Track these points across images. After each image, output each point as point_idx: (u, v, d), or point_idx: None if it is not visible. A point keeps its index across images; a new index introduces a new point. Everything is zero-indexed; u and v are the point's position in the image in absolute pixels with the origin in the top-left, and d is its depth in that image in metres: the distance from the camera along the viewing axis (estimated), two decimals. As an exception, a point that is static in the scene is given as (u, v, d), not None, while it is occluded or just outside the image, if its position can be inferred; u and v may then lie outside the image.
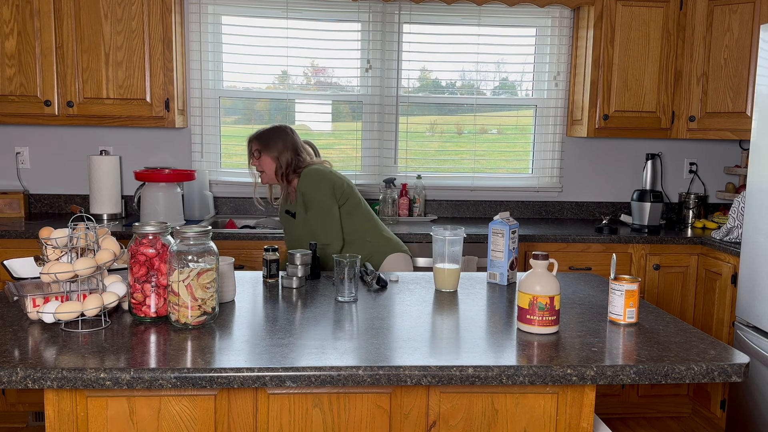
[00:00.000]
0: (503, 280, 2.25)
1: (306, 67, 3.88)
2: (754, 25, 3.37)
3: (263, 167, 2.77)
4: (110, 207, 3.54)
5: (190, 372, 1.41)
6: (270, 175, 2.78)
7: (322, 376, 1.43)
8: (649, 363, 1.51)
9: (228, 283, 1.95)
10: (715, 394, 3.28)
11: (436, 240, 2.16)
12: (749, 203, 2.95)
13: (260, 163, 2.77)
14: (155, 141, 3.78)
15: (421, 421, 1.57)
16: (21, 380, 1.38)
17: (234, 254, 3.17)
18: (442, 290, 2.16)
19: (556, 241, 3.34)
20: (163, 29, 3.36)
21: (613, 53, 3.58)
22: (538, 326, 1.69)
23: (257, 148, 2.76)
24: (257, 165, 2.79)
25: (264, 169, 2.77)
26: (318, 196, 2.66)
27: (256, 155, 2.77)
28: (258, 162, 2.77)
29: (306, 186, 2.68)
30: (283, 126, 2.81)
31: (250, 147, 2.79)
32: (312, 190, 2.66)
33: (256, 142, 2.77)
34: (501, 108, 4.04)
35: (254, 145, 2.77)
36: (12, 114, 3.34)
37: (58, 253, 1.76)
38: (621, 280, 1.80)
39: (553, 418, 1.59)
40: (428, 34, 3.85)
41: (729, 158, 4.08)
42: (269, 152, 2.74)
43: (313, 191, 2.66)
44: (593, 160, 4.03)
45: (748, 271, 2.92)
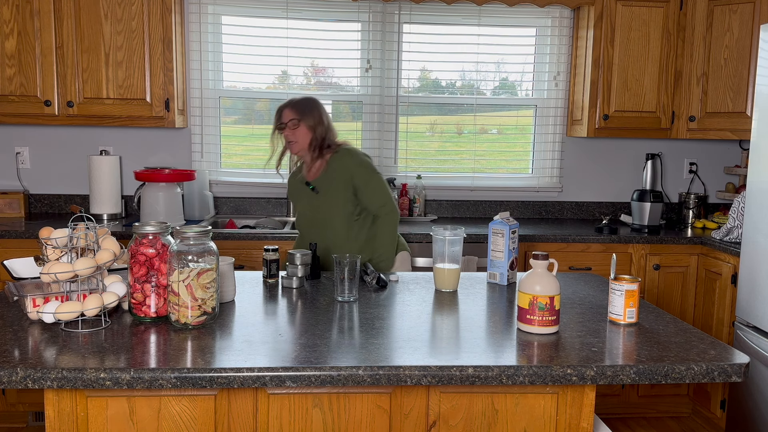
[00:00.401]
0: (503, 280, 2.25)
1: (306, 67, 3.88)
2: (754, 25, 3.37)
3: (297, 137, 2.67)
4: (110, 207, 3.54)
5: (190, 372, 1.41)
6: (302, 146, 2.70)
7: (322, 376, 1.43)
8: (649, 363, 1.51)
9: (228, 283, 1.95)
10: (715, 394, 3.28)
11: (436, 240, 2.16)
12: (749, 203, 2.95)
13: (294, 133, 2.67)
14: (155, 141, 3.78)
15: (421, 421, 1.57)
16: (21, 380, 1.38)
17: (234, 254, 3.17)
18: (442, 290, 2.16)
19: (556, 241, 3.34)
20: (163, 29, 3.36)
21: (613, 53, 3.58)
22: (538, 326, 1.69)
23: (294, 118, 2.67)
24: (290, 135, 2.68)
25: (297, 139, 2.68)
26: (374, 167, 2.70)
27: (291, 125, 2.67)
28: (292, 132, 2.67)
29: (358, 162, 2.67)
30: (316, 98, 2.75)
31: (281, 115, 2.68)
32: (367, 164, 2.69)
33: (292, 110, 2.68)
34: (501, 108, 4.04)
35: (290, 114, 2.67)
36: (12, 114, 3.34)
37: (58, 253, 1.76)
38: (621, 280, 1.80)
39: (553, 418, 1.59)
40: (428, 34, 3.85)
41: (729, 158, 4.08)
42: (306, 122, 2.66)
43: (368, 165, 2.69)
44: (593, 160, 4.03)
45: (748, 271, 2.92)
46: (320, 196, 2.68)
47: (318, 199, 2.70)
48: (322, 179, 2.69)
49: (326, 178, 2.68)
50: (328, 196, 2.67)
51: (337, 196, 2.67)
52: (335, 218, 2.68)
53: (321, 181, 2.69)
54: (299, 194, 2.77)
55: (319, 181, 2.70)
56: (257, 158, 3.92)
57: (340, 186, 2.66)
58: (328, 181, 2.68)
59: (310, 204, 2.72)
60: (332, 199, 2.67)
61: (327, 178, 2.68)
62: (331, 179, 2.67)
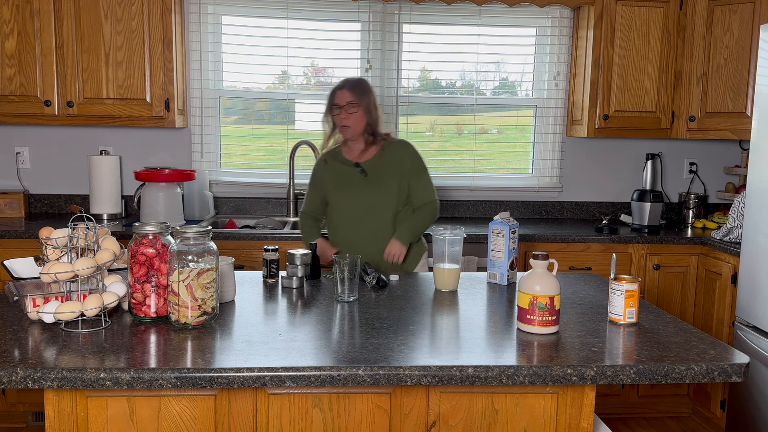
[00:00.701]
0: (503, 280, 2.25)
1: (306, 67, 3.88)
2: (754, 25, 3.37)
3: (352, 121, 2.58)
4: (110, 207, 3.54)
5: (190, 372, 1.41)
6: (357, 131, 2.61)
7: (322, 376, 1.43)
8: (649, 363, 1.51)
9: (228, 283, 1.95)
10: (715, 394, 3.28)
11: (437, 240, 2.16)
12: (749, 203, 2.95)
13: (350, 117, 2.58)
14: (155, 141, 3.78)
15: (421, 421, 1.57)
16: (21, 380, 1.38)
17: (234, 254, 3.17)
18: (442, 290, 2.16)
19: (556, 241, 3.34)
20: (163, 29, 3.36)
21: (613, 53, 3.58)
22: (538, 326, 1.69)
23: (352, 101, 2.58)
24: (346, 119, 2.58)
25: (352, 123, 2.59)
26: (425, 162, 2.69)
27: (350, 109, 2.57)
28: (348, 116, 2.58)
29: (414, 153, 2.68)
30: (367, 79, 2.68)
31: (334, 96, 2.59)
32: (421, 157, 2.69)
33: (350, 93, 2.58)
34: (501, 108, 4.04)
35: (347, 96, 2.58)
36: (12, 114, 3.34)
37: (58, 253, 1.76)
38: (621, 280, 1.80)
39: (553, 418, 1.59)
40: (428, 34, 3.85)
41: (729, 158, 4.08)
42: (364, 105, 2.58)
43: (422, 158, 2.69)
44: (593, 160, 4.03)
45: (748, 271, 2.92)
46: (370, 181, 2.59)
47: (368, 185, 2.60)
48: (373, 164, 2.61)
49: (379, 165, 2.60)
50: (381, 182, 2.60)
51: (391, 183, 2.61)
52: (384, 206, 2.61)
53: (372, 166, 2.61)
54: (341, 180, 2.64)
55: (369, 165, 2.61)
56: (257, 158, 3.92)
57: (394, 174, 2.60)
58: (382, 168, 2.60)
59: (359, 191, 2.61)
60: (385, 186, 2.60)
61: (380, 164, 2.61)
62: (385, 166, 2.60)
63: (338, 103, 2.60)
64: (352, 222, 2.64)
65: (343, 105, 2.59)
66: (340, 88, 2.62)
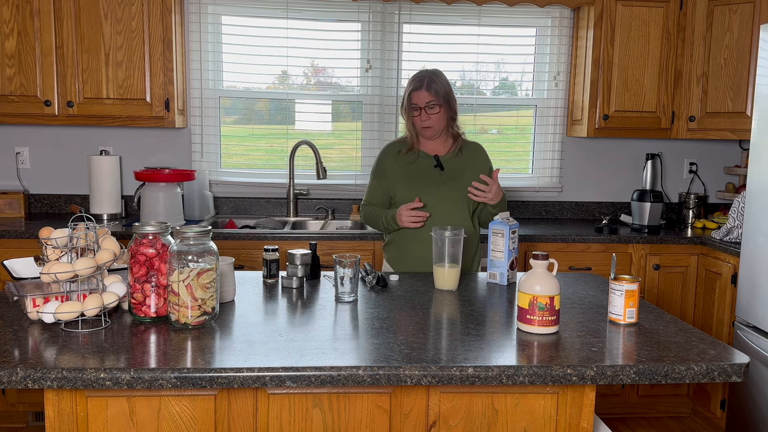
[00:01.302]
0: (503, 280, 2.25)
1: (306, 67, 3.88)
2: (754, 25, 3.37)
3: (434, 122, 2.48)
4: (110, 207, 3.54)
5: (190, 372, 1.41)
6: (438, 130, 2.52)
7: (322, 376, 1.43)
8: (649, 363, 1.51)
9: (228, 283, 1.95)
10: (715, 394, 3.28)
11: (436, 240, 2.16)
12: (749, 203, 2.95)
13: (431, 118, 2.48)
14: (155, 141, 3.78)
15: (421, 421, 1.57)
16: (21, 380, 1.38)
17: (234, 254, 3.17)
18: (442, 290, 2.16)
19: (556, 241, 3.34)
20: (163, 29, 3.36)
21: (613, 53, 3.58)
22: (538, 326, 1.69)
23: (433, 100, 2.46)
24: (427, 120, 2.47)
25: (434, 124, 2.49)
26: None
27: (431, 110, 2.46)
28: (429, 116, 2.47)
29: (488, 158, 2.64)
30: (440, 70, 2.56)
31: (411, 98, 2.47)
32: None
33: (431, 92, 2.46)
34: (501, 108, 4.04)
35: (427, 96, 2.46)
36: (12, 114, 3.34)
37: (58, 253, 1.76)
38: (621, 280, 1.80)
39: (553, 418, 1.59)
40: (428, 34, 3.85)
41: (729, 158, 4.08)
42: (444, 101, 2.48)
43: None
44: (593, 160, 4.03)
45: (748, 271, 2.92)
46: (447, 176, 2.50)
47: (444, 180, 2.50)
48: (450, 160, 2.52)
49: (456, 161, 2.51)
50: (459, 179, 2.49)
51: (466, 184, 2.48)
52: (459, 204, 2.50)
53: (449, 161, 2.52)
54: (414, 172, 2.51)
55: (446, 160, 2.52)
56: (257, 158, 3.92)
57: (470, 174, 2.51)
58: (460, 165, 2.51)
59: (434, 185, 2.48)
60: (463, 184, 2.49)
61: (458, 161, 2.51)
62: (464, 164, 2.52)
63: (417, 104, 2.48)
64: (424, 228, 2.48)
65: (423, 106, 2.47)
66: (417, 88, 2.47)
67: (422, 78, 2.50)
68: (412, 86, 2.51)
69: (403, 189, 2.54)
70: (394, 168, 2.58)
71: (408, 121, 2.55)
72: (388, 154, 2.62)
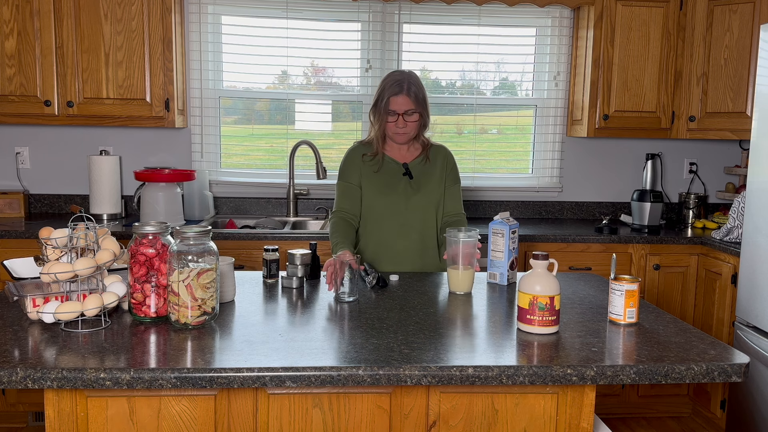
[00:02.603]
0: (503, 280, 2.25)
1: (306, 67, 3.88)
2: (754, 25, 3.37)
3: (409, 129, 2.42)
4: (110, 207, 3.54)
5: (190, 372, 1.41)
6: (410, 136, 2.46)
7: (322, 376, 1.43)
8: (649, 363, 1.51)
9: (228, 283, 1.95)
10: (715, 394, 3.28)
11: (450, 242, 2.14)
12: (749, 203, 2.95)
13: (408, 125, 2.41)
14: (155, 141, 3.78)
15: (421, 421, 1.57)
16: (21, 380, 1.38)
17: (234, 254, 3.17)
18: (456, 293, 2.12)
19: (556, 241, 3.34)
20: (163, 29, 3.36)
21: (613, 53, 3.58)
22: (538, 326, 1.69)
23: (411, 109, 2.40)
24: (403, 126, 2.41)
25: (408, 130, 2.43)
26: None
27: (408, 117, 2.40)
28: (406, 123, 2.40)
29: (454, 161, 2.57)
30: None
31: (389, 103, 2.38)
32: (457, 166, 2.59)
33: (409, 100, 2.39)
34: (501, 108, 4.04)
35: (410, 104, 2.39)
36: (12, 114, 3.34)
37: (58, 253, 1.76)
38: (621, 280, 1.80)
39: (553, 418, 1.59)
40: (428, 34, 3.85)
41: (729, 158, 4.08)
42: (421, 109, 2.42)
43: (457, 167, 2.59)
44: (593, 160, 4.03)
45: (748, 271, 2.92)
46: (417, 186, 2.47)
47: (413, 188, 2.46)
48: (417, 167, 2.49)
49: (424, 168, 2.49)
50: (426, 187, 2.48)
51: (436, 189, 2.49)
52: (429, 212, 2.47)
53: (416, 168, 2.49)
54: (382, 179, 2.47)
55: (413, 167, 2.49)
56: (257, 158, 3.92)
57: (439, 179, 2.50)
58: (427, 172, 2.49)
59: (404, 193, 2.45)
60: (431, 191, 2.48)
61: (425, 168, 2.49)
62: (431, 171, 2.49)
63: (395, 110, 2.40)
64: (394, 226, 2.47)
65: (401, 113, 2.40)
66: (397, 93, 2.39)
67: (401, 82, 2.41)
68: (391, 90, 2.40)
69: (374, 198, 2.48)
70: (362, 173, 2.50)
71: (380, 124, 2.45)
72: (354, 158, 2.53)
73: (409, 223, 2.47)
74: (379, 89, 2.47)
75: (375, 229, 2.50)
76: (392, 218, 2.47)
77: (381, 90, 2.45)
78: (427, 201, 2.49)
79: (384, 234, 2.49)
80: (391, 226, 2.48)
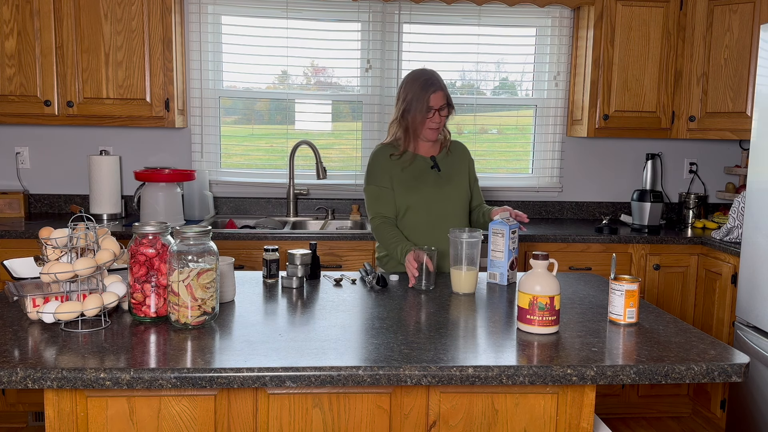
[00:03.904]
0: (503, 280, 2.25)
1: (306, 67, 3.88)
2: (754, 25, 3.37)
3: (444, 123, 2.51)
4: (110, 207, 3.54)
5: (190, 372, 1.41)
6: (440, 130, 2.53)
7: (322, 376, 1.43)
8: (649, 363, 1.50)
9: (228, 283, 1.95)
10: (715, 394, 3.28)
11: (453, 242, 2.14)
12: (749, 203, 2.95)
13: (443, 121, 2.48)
14: (155, 141, 3.78)
15: (421, 421, 1.57)
16: (21, 380, 1.38)
17: (234, 254, 3.17)
18: (459, 293, 2.12)
19: (556, 241, 3.34)
20: (163, 29, 3.36)
21: (613, 53, 3.58)
22: (538, 326, 1.69)
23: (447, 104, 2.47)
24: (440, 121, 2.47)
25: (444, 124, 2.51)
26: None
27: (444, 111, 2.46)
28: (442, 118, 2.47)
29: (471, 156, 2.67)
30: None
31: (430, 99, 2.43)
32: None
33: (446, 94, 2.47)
34: (501, 108, 4.04)
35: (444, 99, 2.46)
36: (12, 114, 3.34)
37: (58, 253, 1.76)
38: (621, 280, 1.80)
39: (553, 418, 1.59)
40: (428, 34, 3.85)
41: (729, 158, 4.08)
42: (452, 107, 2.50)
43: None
44: (593, 160, 4.03)
45: (748, 271, 2.92)
46: (446, 178, 2.52)
47: (442, 180, 2.51)
48: (442, 160, 2.55)
49: (448, 161, 2.55)
50: (454, 178, 2.54)
51: (462, 180, 2.57)
52: (460, 203, 2.53)
53: (443, 162, 2.55)
54: (414, 175, 2.49)
55: (440, 160, 2.54)
56: (257, 158, 3.92)
57: (464, 173, 2.59)
58: (452, 164, 2.55)
59: (435, 186, 2.49)
60: (459, 183, 2.55)
61: (449, 160, 2.55)
62: (454, 163, 2.56)
63: (433, 106, 2.44)
64: (429, 218, 2.48)
65: (438, 108, 2.45)
66: (437, 90, 2.45)
67: (434, 80, 2.47)
68: (431, 88, 2.44)
69: (407, 195, 2.49)
70: (392, 174, 2.51)
71: (419, 123, 2.47)
72: (381, 160, 2.53)
73: (443, 213, 2.51)
74: (409, 91, 2.48)
75: (410, 223, 2.52)
76: (426, 211, 2.50)
77: (415, 91, 2.47)
78: (458, 191, 2.56)
79: (419, 227, 2.50)
80: (426, 219, 2.50)
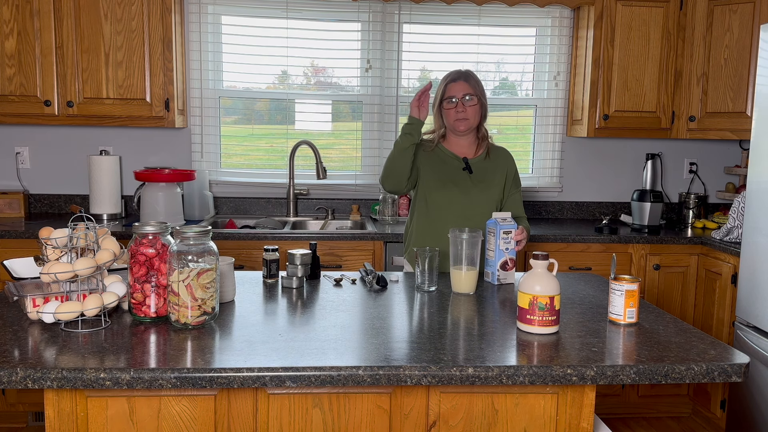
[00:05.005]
0: (494, 280, 2.25)
1: (306, 67, 3.88)
2: (754, 25, 3.37)
3: (470, 114, 2.43)
4: (110, 207, 3.54)
5: (190, 372, 1.41)
6: (472, 124, 2.45)
7: (322, 376, 1.43)
8: (649, 363, 1.50)
9: (228, 283, 1.95)
10: (715, 394, 3.28)
11: (454, 242, 2.14)
12: (749, 203, 2.95)
13: (468, 110, 2.42)
14: (155, 141, 3.78)
15: (421, 421, 1.57)
16: (21, 380, 1.38)
17: (234, 254, 3.17)
18: (459, 293, 2.12)
19: (556, 241, 3.34)
20: (163, 29, 3.36)
21: (613, 53, 3.58)
22: (538, 326, 1.69)
23: (470, 92, 2.42)
24: (464, 111, 2.42)
25: (470, 116, 2.43)
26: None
27: (468, 101, 2.41)
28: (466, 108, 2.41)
29: (515, 165, 2.56)
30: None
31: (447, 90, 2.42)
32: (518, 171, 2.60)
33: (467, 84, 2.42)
34: (501, 108, 4.04)
35: (465, 88, 2.42)
36: (12, 114, 3.34)
37: (58, 253, 1.76)
38: (621, 280, 1.80)
39: (553, 418, 1.59)
40: (428, 34, 3.85)
41: (729, 158, 4.08)
42: (480, 95, 2.44)
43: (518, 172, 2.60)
44: (593, 160, 4.03)
45: (748, 271, 2.92)
46: (475, 180, 2.46)
47: (473, 184, 2.46)
48: (478, 164, 2.48)
49: (485, 165, 2.48)
50: (487, 184, 2.47)
51: (496, 187, 2.48)
52: (486, 210, 2.44)
53: (477, 165, 2.48)
54: (443, 172, 2.46)
55: (474, 163, 2.48)
56: (257, 158, 3.92)
57: (500, 179, 2.49)
58: (488, 170, 2.48)
59: (463, 188, 2.45)
60: (491, 189, 2.47)
61: (486, 165, 2.48)
62: (492, 169, 2.48)
63: (454, 96, 2.42)
64: (453, 219, 2.44)
65: (460, 97, 2.42)
66: (455, 79, 2.44)
67: (458, 72, 2.48)
68: (448, 79, 2.45)
69: (433, 190, 2.48)
70: (422, 156, 2.51)
71: (442, 116, 2.48)
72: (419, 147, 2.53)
73: (467, 216, 2.45)
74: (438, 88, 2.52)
75: (433, 221, 2.49)
76: (451, 211, 2.46)
77: (440, 83, 2.51)
78: (487, 198, 2.47)
79: (442, 226, 2.43)
80: (450, 219, 2.44)
